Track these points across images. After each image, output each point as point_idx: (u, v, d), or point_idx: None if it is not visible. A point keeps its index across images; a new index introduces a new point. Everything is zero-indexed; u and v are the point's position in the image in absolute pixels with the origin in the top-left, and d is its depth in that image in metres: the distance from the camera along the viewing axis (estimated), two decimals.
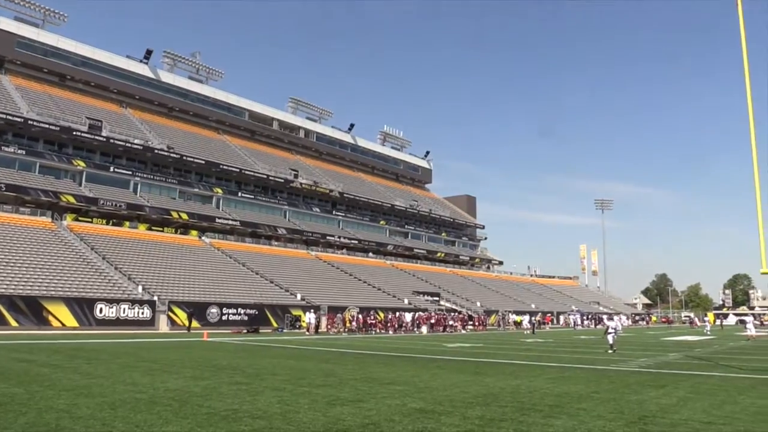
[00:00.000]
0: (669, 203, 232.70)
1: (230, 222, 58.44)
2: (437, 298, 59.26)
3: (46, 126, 50.37)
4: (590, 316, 65.61)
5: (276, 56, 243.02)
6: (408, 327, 42.36)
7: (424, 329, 41.83)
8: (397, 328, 41.20)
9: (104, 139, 53.72)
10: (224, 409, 7.84)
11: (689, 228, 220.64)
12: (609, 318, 40.10)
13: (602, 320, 55.32)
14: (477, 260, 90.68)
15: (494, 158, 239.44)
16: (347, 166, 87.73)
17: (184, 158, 59.28)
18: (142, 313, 34.75)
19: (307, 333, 35.81)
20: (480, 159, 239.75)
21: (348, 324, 40.11)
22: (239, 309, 39.49)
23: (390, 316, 43.25)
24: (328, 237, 67.37)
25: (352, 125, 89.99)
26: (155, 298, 36.15)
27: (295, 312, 42.38)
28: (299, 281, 50.68)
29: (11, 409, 7.58)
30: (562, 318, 65.58)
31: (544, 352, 21.78)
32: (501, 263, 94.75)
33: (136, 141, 56.54)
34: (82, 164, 51.53)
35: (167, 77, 67.76)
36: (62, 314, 31.67)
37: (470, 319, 49.27)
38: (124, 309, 34.04)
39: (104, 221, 49.09)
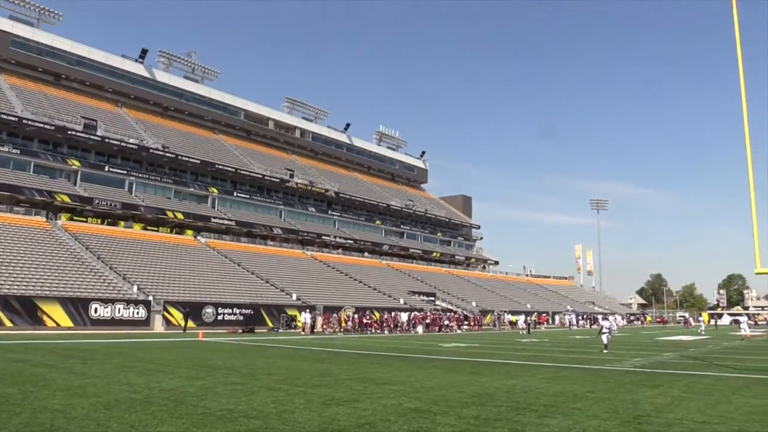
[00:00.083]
0: (667, 204, 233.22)
1: (226, 222, 58.36)
2: (433, 298, 59.34)
3: (41, 125, 50.19)
4: (585, 316, 65.79)
5: (272, 56, 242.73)
6: (404, 327, 42.36)
7: (420, 329, 41.86)
8: (393, 328, 41.22)
9: (99, 139, 53.55)
10: (219, 409, 7.84)
11: (685, 228, 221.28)
12: (604, 318, 40.16)
13: (597, 320, 55.42)
14: (473, 260, 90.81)
15: (494, 158, 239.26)
16: (343, 166, 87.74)
17: (180, 158, 59.15)
18: (137, 313, 34.67)
19: (303, 333, 35.79)
20: (480, 159, 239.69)
21: (344, 324, 40.09)
22: (235, 309, 39.45)
23: (386, 316, 43.29)
24: (324, 237, 67.38)
25: (348, 125, 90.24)
26: (150, 298, 36.07)
27: (291, 312, 42.37)
28: (295, 281, 50.65)
29: (6, 410, 7.55)
30: (558, 318, 65.75)
31: (540, 352, 21.84)
32: (497, 263, 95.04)
33: (131, 140, 56.39)
34: (77, 164, 51.38)
35: (162, 77, 67.60)
36: (57, 314, 31.57)
37: (466, 319, 49.36)
38: (119, 309, 33.94)
39: (99, 221, 48.94)
